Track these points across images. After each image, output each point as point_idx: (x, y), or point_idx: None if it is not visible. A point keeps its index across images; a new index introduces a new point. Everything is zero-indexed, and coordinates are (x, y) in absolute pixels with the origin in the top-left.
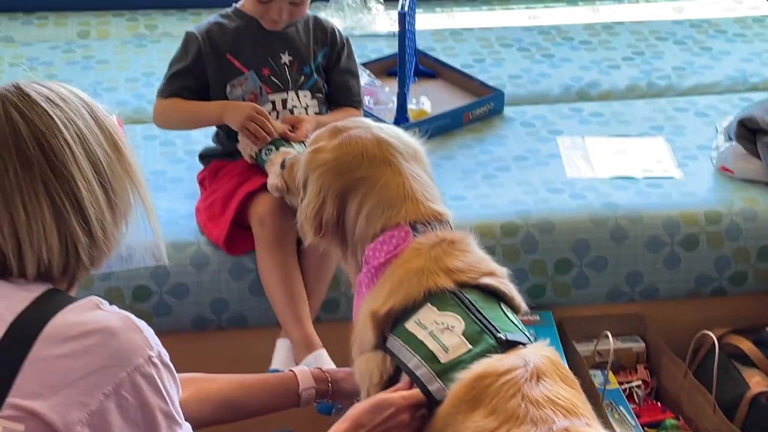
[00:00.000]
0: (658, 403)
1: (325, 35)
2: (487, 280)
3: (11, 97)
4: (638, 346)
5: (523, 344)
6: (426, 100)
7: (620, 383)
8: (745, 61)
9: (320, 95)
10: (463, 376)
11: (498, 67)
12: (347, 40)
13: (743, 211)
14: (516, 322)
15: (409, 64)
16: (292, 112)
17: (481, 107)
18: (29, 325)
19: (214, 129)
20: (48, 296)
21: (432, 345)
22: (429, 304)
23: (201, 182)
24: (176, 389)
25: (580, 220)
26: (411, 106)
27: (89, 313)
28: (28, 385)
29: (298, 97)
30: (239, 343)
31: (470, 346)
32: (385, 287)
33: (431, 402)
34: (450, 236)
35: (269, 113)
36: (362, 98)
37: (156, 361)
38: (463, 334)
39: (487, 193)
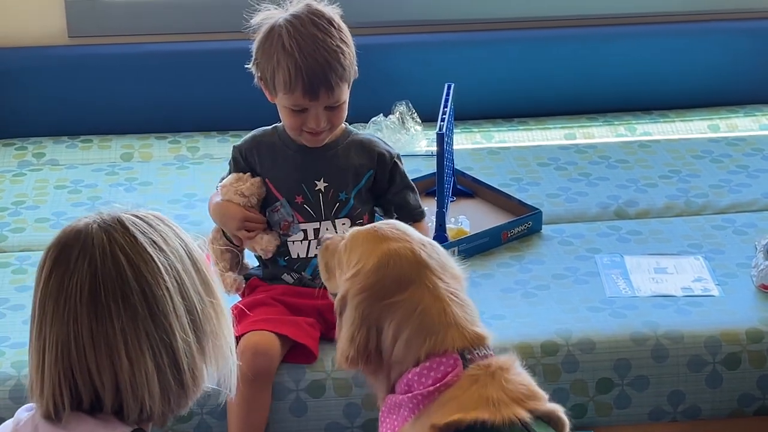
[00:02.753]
0: None
1: (372, 158)
2: (550, 408)
3: (117, 236)
4: None
5: None
6: (465, 219)
7: None
8: None
9: (361, 221)
10: None
11: (535, 185)
12: (398, 156)
13: None
14: None
15: (447, 183)
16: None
17: (519, 226)
18: None
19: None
20: None
21: None
22: None
23: (241, 294)
24: None
25: (621, 339)
26: (450, 225)
27: None
28: None
29: (334, 226)
30: None
31: None
32: (449, 406)
33: None
34: (500, 363)
35: (300, 242)
36: (422, 208)
37: None
38: None
39: (527, 311)
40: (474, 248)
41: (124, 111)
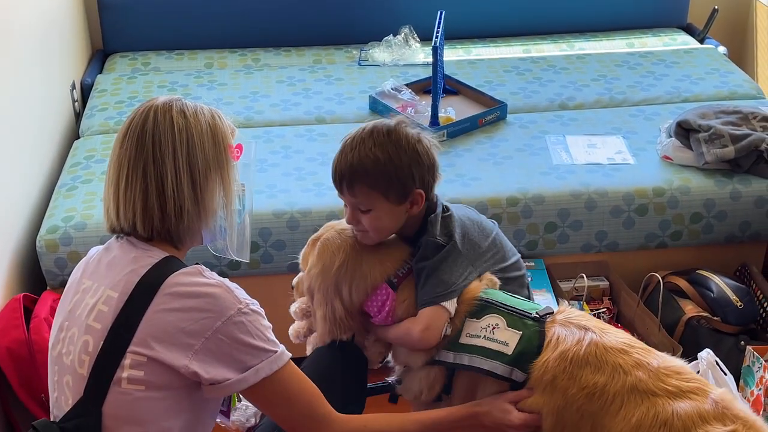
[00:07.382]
0: (619, 325)
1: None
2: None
3: (159, 104)
4: (604, 284)
5: (551, 313)
6: (451, 110)
7: (591, 310)
8: (679, 81)
9: None
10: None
11: (502, 86)
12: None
13: (680, 188)
14: (523, 299)
15: (439, 84)
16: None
17: (491, 115)
18: (150, 285)
19: None
20: (164, 263)
21: (493, 345)
22: (467, 318)
23: None
24: (266, 325)
25: (563, 195)
26: (441, 114)
27: (194, 278)
28: (146, 332)
29: None
30: None
31: (520, 332)
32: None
33: (516, 386)
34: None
35: None
36: (429, 296)
37: (246, 310)
38: (508, 327)
39: (496, 175)
40: (458, 130)
41: (207, 32)
